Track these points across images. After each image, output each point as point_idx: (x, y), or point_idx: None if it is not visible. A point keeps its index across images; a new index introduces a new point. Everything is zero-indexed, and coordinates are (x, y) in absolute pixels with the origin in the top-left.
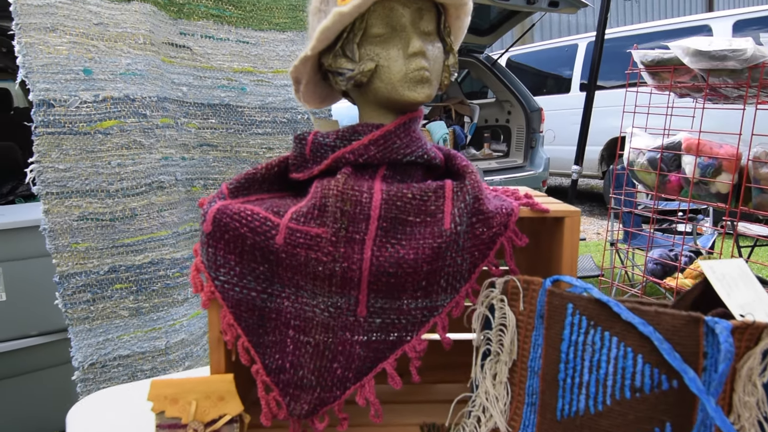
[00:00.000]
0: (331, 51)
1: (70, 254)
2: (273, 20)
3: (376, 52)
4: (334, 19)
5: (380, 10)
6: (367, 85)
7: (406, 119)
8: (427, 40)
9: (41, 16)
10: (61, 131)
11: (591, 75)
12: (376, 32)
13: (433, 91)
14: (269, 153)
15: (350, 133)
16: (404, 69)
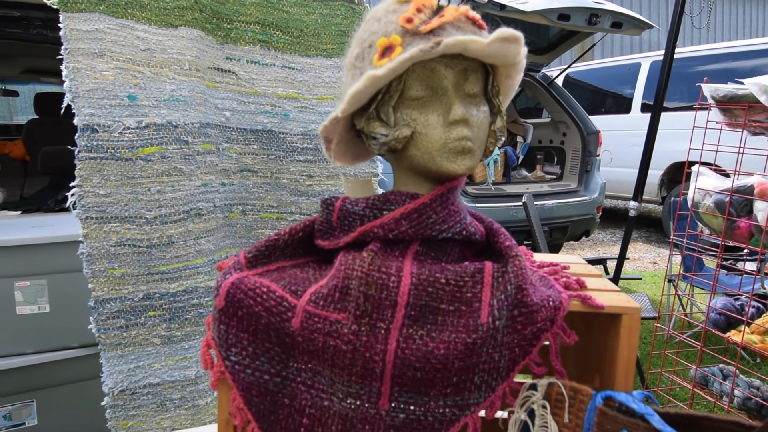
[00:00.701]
0: (364, 113)
1: (106, 279)
2: (320, 46)
3: (413, 117)
4: (367, 83)
5: (420, 71)
6: (403, 151)
7: (443, 190)
8: (471, 103)
9: (90, 41)
10: (103, 156)
11: (655, 106)
12: (414, 95)
13: (476, 162)
14: (309, 180)
15: (381, 202)
16: (444, 138)
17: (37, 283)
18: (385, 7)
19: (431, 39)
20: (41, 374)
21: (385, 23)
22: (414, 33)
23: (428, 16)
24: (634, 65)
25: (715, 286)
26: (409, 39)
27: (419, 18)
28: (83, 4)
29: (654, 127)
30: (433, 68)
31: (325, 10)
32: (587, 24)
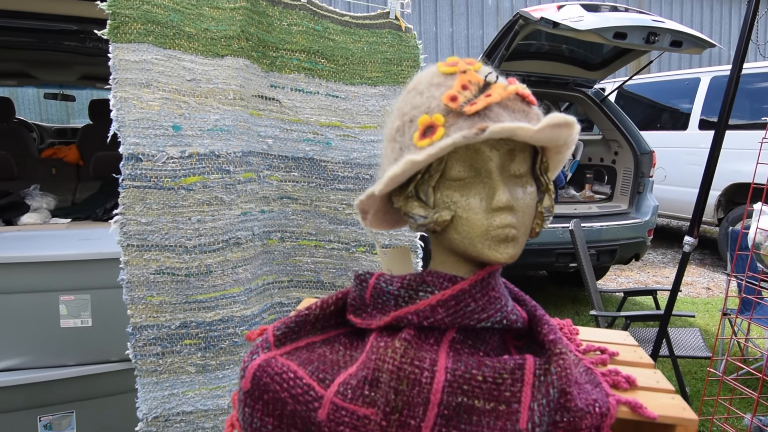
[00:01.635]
0: (402, 191)
1: (144, 306)
2: (365, 74)
3: (454, 200)
4: (406, 168)
5: (463, 151)
6: (442, 232)
7: (484, 275)
8: (517, 184)
9: (137, 71)
10: (146, 185)
11: (719, 126)
12: (455, 175)
13: (520, 249)
14: (348, 209)
15: (417, 283)
16: (486, 224)
17: (81, 297)
18: (428, 79)
19: (476, 123)
20: (81, 386)
21: (427, 98)
22: (458, 113)
23: (474, 94)
24: (693, 80)
25: None
26: (452, 119)
27: (464, 96)
28: (132, 35)
29: (716, 152)
30: (478, 149)
31: (372, 38)
32: (645, 43)
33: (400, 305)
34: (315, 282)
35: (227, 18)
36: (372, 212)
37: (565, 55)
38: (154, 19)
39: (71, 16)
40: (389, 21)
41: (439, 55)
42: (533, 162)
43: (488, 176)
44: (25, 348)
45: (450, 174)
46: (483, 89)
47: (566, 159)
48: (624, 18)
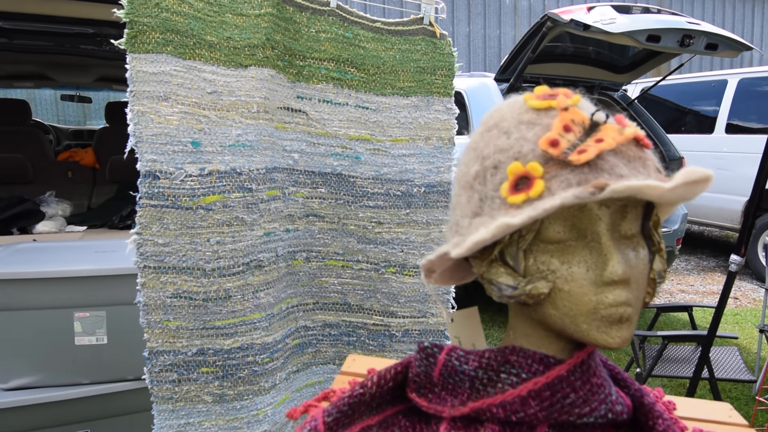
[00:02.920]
0: (485, 253)
1: (161, 331)
2: (397, 84)
3: (552, 268)
4: (497, 232)
5: (563, 207)
6: (535, 305)
7: (584, 356)
8: (627, 246)
9: (155, 84)
10: (164, 204)
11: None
12: (554, 237)
13: (633, 329)
14: (378, 228)
15: (499, 363)
16: (595, 300)
17: (96, 314)
18: (515, 115)
19: (586, 175)
20: (96, 405)
21: (517, 140)
22: (561, 162)
23: (579, 137)
24: (720, 82)
25: None
26: (553, 169)
27: (567, 140)
28: (150, 44)
29: (766, 162)
30: (583, 206)
31: (405, 45)
32: (679, 46)
33: (477, 389)
34: (342, 304)
35: (252, 25)
36: (439, 272)
37: (591, 57)
38: (173, 27)
39: (88, 18)
40: (423, 27)
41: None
42: (644, 219)
43: (596, 240)
44: (38, 366)
45: (547, 235)
46: (590, 131)
47: (674, 210)
48: (658, 20)
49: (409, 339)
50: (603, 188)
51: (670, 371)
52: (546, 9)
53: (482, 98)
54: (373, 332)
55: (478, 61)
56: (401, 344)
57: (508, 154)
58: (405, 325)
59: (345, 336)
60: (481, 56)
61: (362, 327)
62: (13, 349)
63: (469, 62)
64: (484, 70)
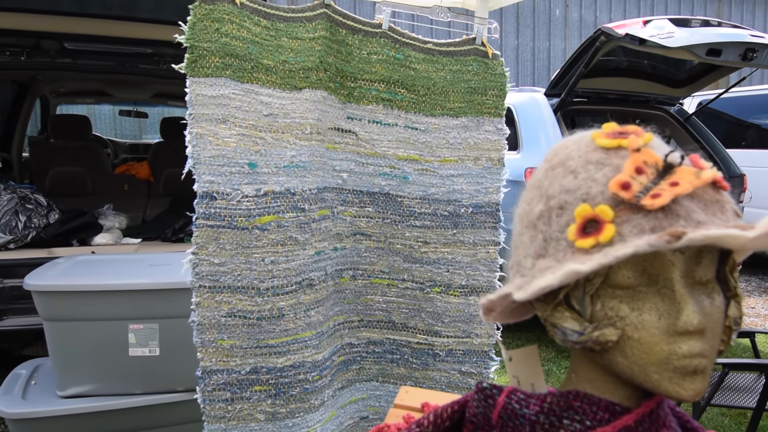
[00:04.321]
0: (550, 296)
1: (214, 350)
2: (447, 105)
3: (622, 314)
4: (565, 279)
5: None
6: (601, 351)
7: (653, 406)
8: (702, 292)
9: (214, 107)
10: (220, 225)
11: None
12: (623, 282)
13: (708, 382)
14: (424, 247)
15: (561, 409)
16: (668, 350)
17: (149, 326)
18: (582, 154)
19: (660, 220)
20: (148, 415)
21: (585, 180)
22: (633, 206)
23: (653, 180)
24: None
25: None
26: (624, 214)
27: (639, 183)
28: (210, 68)
29: None
30: (657, 251)
31: (456, 66)
32: (741, 59)
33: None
34: (386, 322)
35: (306, 49)
36: (498, 311)
37: (645, 71)
38: (232, 52)
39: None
40: (475, 47)
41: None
42: (719, 263)
43: (669, 286)
44: (94, 375)
45: (616, 280)
46: (664, 173)
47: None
48: (719, 33)
49: (452, 359)
50: (680, 237)
51: (730, 401)
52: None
53: (532, 114)
54: (417, 351)
55: (527, 75)
56: (444, 363)
57: (575, 195)
58: (449, 344)
59: (389, 353)
60: (530, 69)
61: (406, 345)
62: (70, 358)
63: (517, 76)
64: (533, 83)
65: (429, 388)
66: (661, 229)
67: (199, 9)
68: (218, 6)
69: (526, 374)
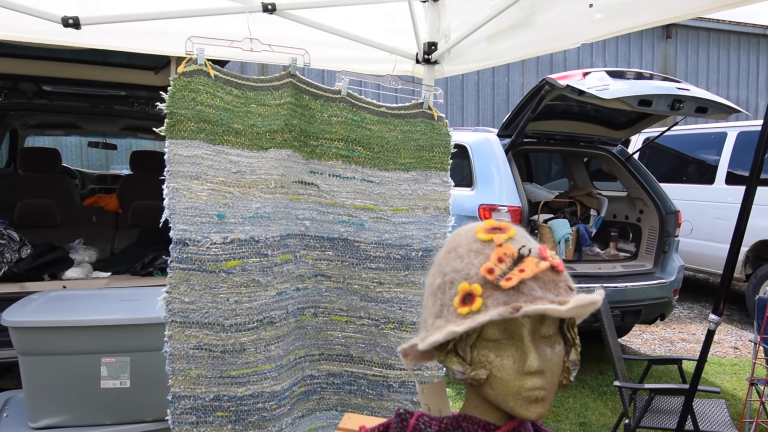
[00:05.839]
0: (443, 346)
1: (183, 378)
2: (399, 160)
3: (490, 359)
4: (447, 336)
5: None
6: (478, 385)
7: (515, 425)
8: (546, 343)
9: (189, 165)
10: (191, 268)
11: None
12: (491, 336)
13: (548, 406)
14: (379, 287)
15: (453, 427)
16: (518, 385)
17: (121, 359)
18: (467, 244)
19: (511, 297)
20: None
21: (467, 264)
22: (494, 285)
23: (509, 266)
24: (720, 134)
25: None
26: (489, 291)
27: (500, 269)
28: (186, 132)
29: (744, 215)
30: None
31: (406, 126)
32: (670, 109)
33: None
34: (345, 356)
35: (273, 114)
36: (412, 355)
37: (590, 114)
38: (206, 118)
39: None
40: (423, 111)
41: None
42: (561, 320)
43: (521, 340)
44: (66, 407)
45: (486, 335)
46: (516, 262)
47: (589, 313)
48: (648, 86)
49: (405, 390)
50: (518, 309)
51: (657, 423)
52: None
53: (486, 153)
54: (373, 382)
55: (487, 108)
56: (398, 394)
57: (460, 274)
58: (402, 377)
59: (347, 385)
60: (490, 103)
61: (363, 377)
62: (44, 390)
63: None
64: (492, 116)
65: (384, 417)
66: (510, 303)
67: (179, 81)
68: (195, 78)
69: (435, 402)
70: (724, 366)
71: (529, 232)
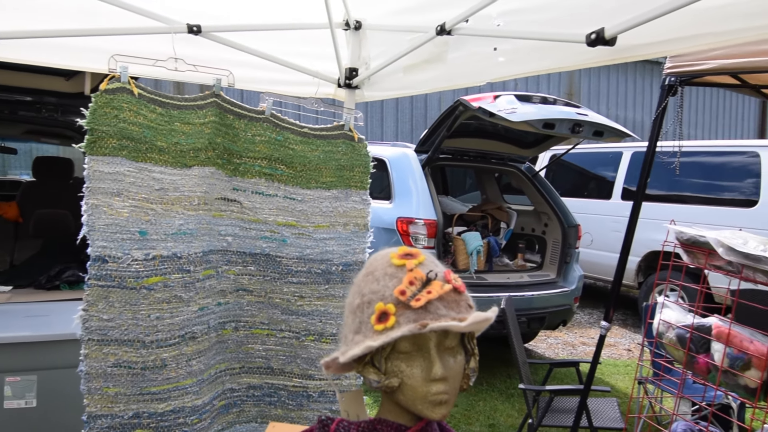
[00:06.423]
0: (361, 359)
1: (100, 397)
2: (320, 179)
3: (402, 369)
4: (365, 350)
5: None
6: (391, 392)
7: (423, 425)
8: (449, 354)
9: (110, 182)
10: (110, 285)
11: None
12: (403, 349)
13: (451, 407)
14: (300, 301)
15: (370, 430)
16: (425, 391)
17: (27, 378)
18: (383, 268)
19: (420, 315)
20: None
21: (382, 287)
22: (406, 305)
23: (418, 288)
24: (617, 153)
25: (681, 391)
26: (401, 310)
27: (411, 291)
28: (108, 149)
29: (631, 230)
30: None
31: (328, 147)
32: (570, 132)
33: None
34: (266, 368)
35: (197, 132)
36: (334, 367)
37: (501, 133)
38: (129, 135)
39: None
40: (344, 132)
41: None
42: (462, 334)
43: (428, 352)
44: None
45: (398, 348)
46: (425, 285)
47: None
48: (552, 111)
49: (324, 399)
50: (425, 326)
51: (557, 421)
52: None
53: (403, 167)
54: (293, 393)
55: (405, 121)
56: (317, 403)
57: (376, 295)
58: (321, 386)
59: (267, 396)
60: (408, 116)
61: (283, 388)
62: None
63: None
64: (411, 130)
65: (304, 425)
66: (418, 321)
67: (101, 98)
68: (118, 95)
69: (353, 409)
70: (619, 367)
71: (443, 244)
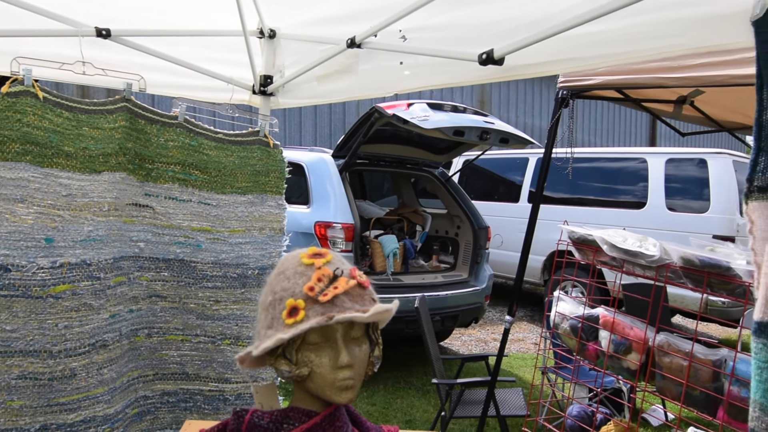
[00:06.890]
0: (273, 352)
1: (3, 410)
2: (236, 184)
3: (311, 359)
4: (276, 342)
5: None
6: (302, 381)
7: (332, 410)
8: (355, 344)
9: (12, 188)
10: (14, 294)
11: (532, 216)
12: (312, 340)
13: (357, 392)
14: (216, 305)
15: (282, 417)
16: (332, 378)
17: None
18: (293, 267)
19: (328, 309)
20: None
21: (293, 284)
22: (314, 300)
23: (326, 285)
24: (523, 159)
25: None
26: (310, 304)
27: (319, 287)
28: (10, 154)
29: (527, 248)
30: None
31: (243, 152)
32: (479, 139)
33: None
34: (180, 374)
35: (106, 137)
36: (248, 361)
37: (415, 140)
38: (33, 140)
39: None
40: (259, 138)
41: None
42: (367, 326)
43: (335, 342)
44: None
45: (308, 339)
46: (332, 281)
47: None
48: (461, 119)
49: (241, 402)
50: (332, 318)
51: (468, 412)
52: None
53: (321, 172)
54: (209, 397)
55: (324, 126)
56: (234, 406)
57: (287, 292)
58: (238, 389)
59: (182, 402)
60: (327, 121)
61: (199, 393)
62: None
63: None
64: (330, 135)
65: None
66: (326, 314)
67: (2, 101)
68: (21, 99)
69: (267, 401)
70: (527, 360)
71: (361, 247)
